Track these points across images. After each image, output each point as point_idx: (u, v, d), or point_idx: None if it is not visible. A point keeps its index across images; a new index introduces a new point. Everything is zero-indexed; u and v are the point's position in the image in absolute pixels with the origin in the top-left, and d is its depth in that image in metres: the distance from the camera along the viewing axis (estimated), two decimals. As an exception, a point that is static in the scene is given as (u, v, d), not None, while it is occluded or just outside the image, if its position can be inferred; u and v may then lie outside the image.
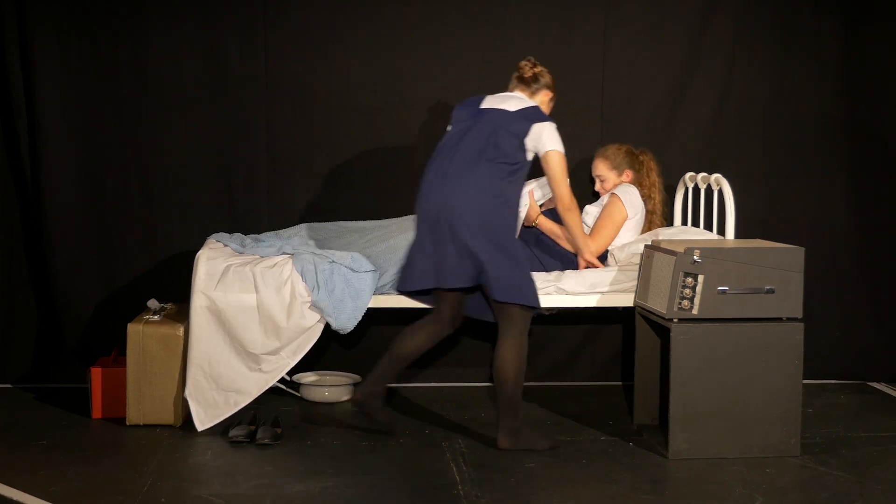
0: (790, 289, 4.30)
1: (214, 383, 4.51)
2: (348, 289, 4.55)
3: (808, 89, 5.48)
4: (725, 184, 4.89)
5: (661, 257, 4.43)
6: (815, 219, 5.52)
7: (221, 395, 4.51)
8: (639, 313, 4.64)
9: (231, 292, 4.50)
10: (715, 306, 4.26)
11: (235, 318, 4.49)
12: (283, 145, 5.29)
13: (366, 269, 4.61)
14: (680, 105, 5.44)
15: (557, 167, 4.40)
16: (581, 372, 5.46)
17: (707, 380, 4.25)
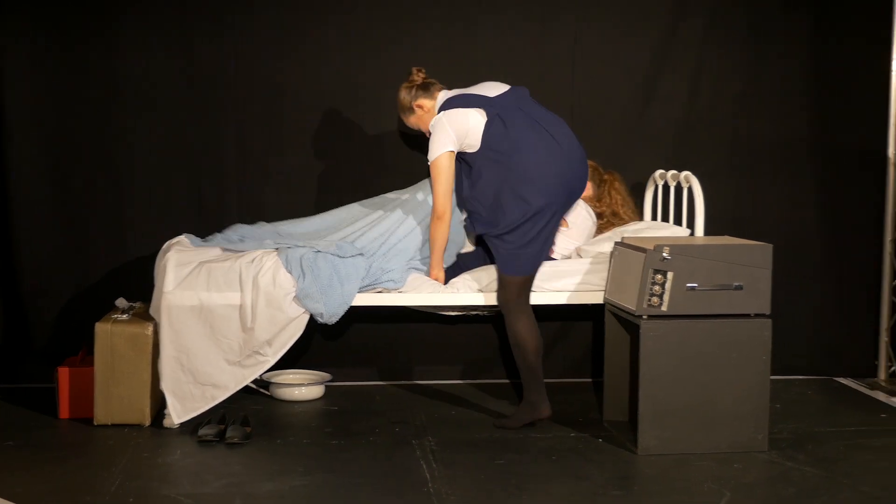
0: (758, 285, 4.31)
1: (192, 377, 4.50)
2: (336, 274, 4.53)
3: (777, 88, 5.50)
4: (695, 181, 4.90)
5: (630, 254, 4.44)
6: (784, 216, 5.54)
7: (199, 388, 4.51)
8: (608, 310, 4.65)
9: (211, 288, 4.50)
10: (684, 303, 4.27)
11: (215, 313, 4.48)
12: (253, 144, 5.27)
13: (352, 253, 4.59)
14: (650, 103, 5.45)
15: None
16: (551, 369, 5.42)
17: (676, 376, 4.26)
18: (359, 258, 4.60)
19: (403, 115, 4.65)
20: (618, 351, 4.67)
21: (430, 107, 4.59)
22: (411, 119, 4.64)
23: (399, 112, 4.68)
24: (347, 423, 4.69)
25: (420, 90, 4.59)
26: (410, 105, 4.60)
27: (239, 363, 4.52)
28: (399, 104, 4.65)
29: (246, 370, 4.54)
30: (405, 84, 4.63)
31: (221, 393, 4.53)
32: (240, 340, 4.50)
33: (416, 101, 4.60)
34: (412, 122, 4.65)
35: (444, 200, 4.52)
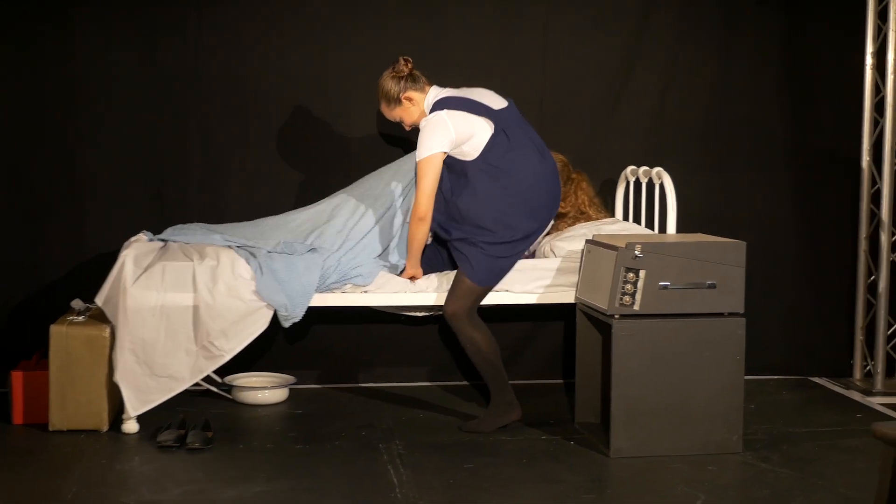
0: (732, 283, 4.32)
1: (148, 368, 4.48)
2: (293, 269, 4.54)
3: (750, 82, 5.52)
4: (667, 177, 4.91)
5: (602, 252, 4.45)
6: (758, 213, 5.56)
7: (155, 380, 4.49)
8: (580, 309, 4.66)
9: (169, 287, 4.49)
10: (656, 302, 4.28)
11: (173, 308, 4.48)
12: (215, 140, 5.25)
13: (303, 251, 4.60)
14: (621, 98, 5.46)
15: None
16: (521, 370, 5.45)
17: (649, 377, 4.27)
18: (313, 253, 4.60)
19: (387, 105, 4.57)
20: (589, 351, 4.67)
21: (419, 100, 4.55)
22: (396, 110, 4.57)
23: (381, 100, 4.59)
24: (312, 428, 4.67)
25: (409, 81, 4.53)
26: (398, 96, 4.53)
27: (196, 354, 4.51)
28: (383, 93, 4.57)
29: (202, 362, 4.52)
30: (391, 73, 4.55)
31: (178, 384, 4.51)
32: (196, 330, 4.49)
33: (405, 93, 4.54)
34: (396, 114, 4.59)
35: (429, 201, 4.47)
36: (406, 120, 4.60)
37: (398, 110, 4.58)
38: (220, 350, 4.52)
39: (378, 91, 4.61)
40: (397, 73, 4.54)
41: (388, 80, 4.56)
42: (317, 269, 4.58)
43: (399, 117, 4.61)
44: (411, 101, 4.55)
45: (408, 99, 4.55)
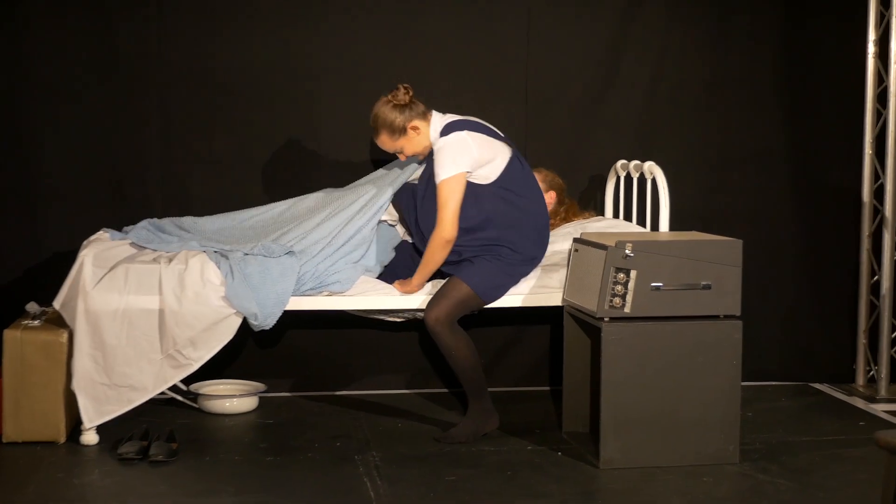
0: (728, 284, 4.33)
1: (107, 376, 4.48)
2: (267, 274, 4.53)
3: (746, 71, 5.53)
4: (659, 172, 4.91)
5: (590, 252, 4.44)
6: (755, 209, 5.57)
7: (114, 390, 4.48)
8: (567, 312, 4.66)
9: (132, 290, 4.48)
10: (648, 304, 4.28)
11: (136, 313, 4.47)
12: (178, 131, 5.23)
13: (281, 253, 4.59)
14: (609, 88, 5.47)
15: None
16: (505, 377, 5.46)
17: (640, 383, 4.27)
18: (290, 257, 4.59)
19: (390, 135, 4.58)
20: (577, 356, 4.68)
21: (424, 129, 4.59)
22: (399, 141, 4.59)
23: (380, 131, 4.59)
24: (283, 438, 4.66)
25: (412, 110, 4.56)
26: (404, 126, 4.56)
27: (160, 363, 4.49)
28: (384, 123, 4.57)
29: (167, 371, 4.50)
30: (392, 102, 4.56)
31: (139, 395, 4.50)
32: (161, 337, 4.48)
33: (411, 123, 4.57)
34: (398, 145, 4.60)
35: (455, 222, 4.52)
36: (408, 150, 4.62)
37: (402, 141, 4.60)
38: (187, 359, 4.51)
39: (375, 121, 4.60)
40: (398, 102, 4.56)
41: (388, 110, 4.57)
42: (293, 274, 4.57)
43: (401, 147, 4.62)
44: (417, 131, 4.58)
45: (413, 129, 4.58)
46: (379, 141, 4.64)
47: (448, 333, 4.54)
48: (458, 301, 4.56)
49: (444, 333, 4.54)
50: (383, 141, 4.62)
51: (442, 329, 4.54)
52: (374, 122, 4.60)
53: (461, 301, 4.57)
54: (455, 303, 4.56)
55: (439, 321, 4.53)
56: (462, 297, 4.56)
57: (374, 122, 4.60)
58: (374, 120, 4.60)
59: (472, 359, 4.57)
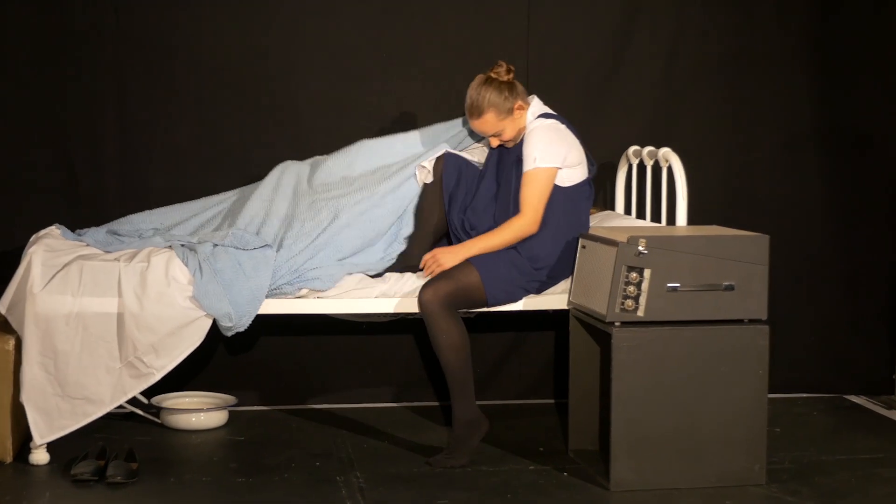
0: (753, 285, 4.33)
1: (59, 387, 4.47)
2: (240, 268, 4.53)
3: (774, 45, 5.54)
4: (675, 160, 4.91)
5: (599, 249, 4.44)
6: (783, 201, 5.58)
7: (68, 402, 4.48)
8: (573, 317, 4.65)
9: (87, 291, 4.47)
10: (664, 307, 4.28)
11: (91, 317, 4.47)
12: (138, 115, 5.24)
13: (257, 244, 4.59)
14: (620, 65, 5.48)
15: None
16: (505, 389, 5.47)
17: (655, 395, 4.27)
18: (266, 250, 4.58)
19: (497, 116, 4.61)
20: (585, 366, 4.67)
21: (525, 111, 4.68)
22: (505, 122, 4.63)
23: (486, 111, 4.59)
24: (257, 457, 4.66)
25: (516, 88, 4.64)
26: (511, 106, 4.61)
27: (119, 372, 4.49)
28: (493, 104, 4.58)
29: (127, 382, 4.50)
30: (496, 81, 4.61)
31: (96, 409, 4.49)
32: (120, 343, 4.48)
33: (517, 102, 4.63)
34: (502, 125, 4.64)
35: (541, 211, 4.61)
36: (508, 133, 4.67)
37: (507, 122, 4.65)
38: (149, 368, 4.50)
39: (478, 102, 4.61)
40: (503, 81, 4.63)
41: (494, 89, 4.61)
42: (267, 269, 4.57)
43: (503, 129, 4.66)
44: (521, 111, 4.66)
45: (520, 109, 4.65)
46: (479, 123, 4.64)
47: (443, 317, 4.49)
48: (462, 287, 4.52)
49: (438, 315, 4.47)
50: (486, 122, 4.63)
51: (437, 310, 4.48)
52: (476, 104, 4.62)
53: (465, 289, 4.53)
54: (459, 287, 4.52)
55: (436, 299, 4.48)
56: (467, 285, 4.53)
57: (478, 103, 4.61)
58: (477, 101, 4.62)
59: (465, 353, 4.52)
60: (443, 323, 4.49)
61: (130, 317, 4.46)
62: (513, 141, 4.70)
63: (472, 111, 4.63)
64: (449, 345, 4.51)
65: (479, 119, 4.63)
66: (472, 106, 4.62)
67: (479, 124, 4.65)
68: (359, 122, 5.30)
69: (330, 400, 5.40)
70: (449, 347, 4.51)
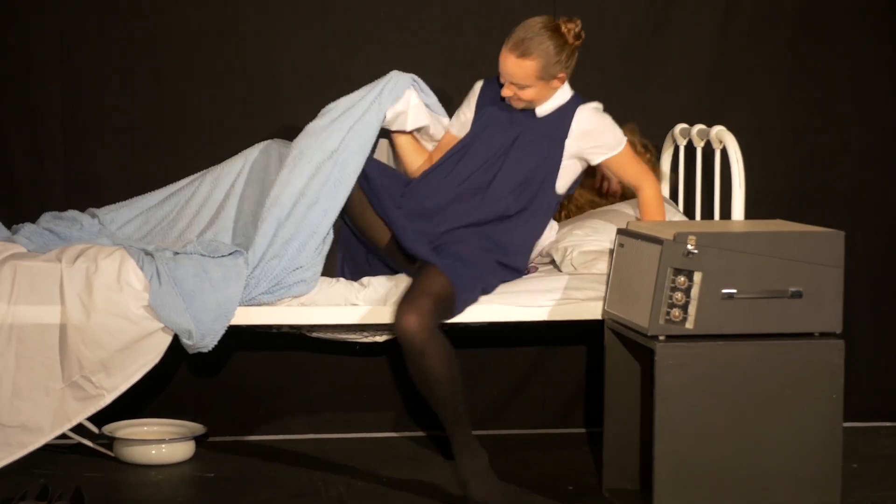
0: (825, 291, 4.33)
1: None
2: (206, 277, 4.55)
3: (851, 5, 5.55)
4: (731, 140, 4.92)
5: (640, 248, 4.43)
6: (862, 192, 5.60)
7: (2, 431, 4.49)
8: (609, 329, 4.65)
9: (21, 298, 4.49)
10: (718, 317, 4.28)
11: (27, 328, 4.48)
12: (86, 93, 5.27)
13: (224, 252, 4.60)
14: (665, 29, 5.51)
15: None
16: (526, 416, 5.49)
17: (707, 423, 4.27)
18: (237, 257, 4.60)
19: (537, 71, 4.67)
20: (623, 388, 4.68)
21: (564, 86, 4.80)
22: (538, 81, 4.70)
23: (530, 57, 4.62)
24: (229, 497, 4.67)
25: (572, 59, 4.74)
26: (556, 73, 4.70)
27: (61, 394, 4.48)
28: (544, 54, 4.63)
29: (71, 405, 4.50)
30: (562, 35, 4.67)
31: (33, 438, 4.49)
32: (63, 359, 4.48)
33: (563, 73, 4.73)
34: (531, 81, 4.69)
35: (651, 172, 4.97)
36: (530, 94, 4.73)
37: (541, 83, 4.71)
38: (98, 388, 4.51)
39: (527, 43, 4.64)
40: (568, 42, 4.69)
41: (553, 41, 4.67)
42: (239, 280, 4.58)
43: (530, 86, 4.70)
44: (560, 82, 4.76)
45: (560, 79, 4.74)
46: (513, 64, 4.67)
47: (433, 342, 4.46)
48: (439, 300, 4.52)
49: (428, 342, 4.44)
50: (523, 68, 4.66)
51: (427, 337, 4.45)
52: (526, 43, 4.65)
53: (442, 300, 4.53)
54: (436, 301, 4.51)
55: (423, 325, 4.43)
56: (443, 295, 4.54)
57: (529, 44, 4.65)
58: (528, 40, 4.65)
59: (456, 372, 4.53)
60: (433, 349, 4.47)
61: (75, 328, 4.47)
62: (523, 104, 4.75)
63: (515, 46, 4.65)
64: (448, 378, 4.48)
65: (517, 59, 4.65)
66: (519, 42, 4.65)
67: (512, 65, 4.66)
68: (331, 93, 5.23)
69: (316, 429, 5.42)
70: (448, 380, 4.49)
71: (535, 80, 4.67)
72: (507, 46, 4.66)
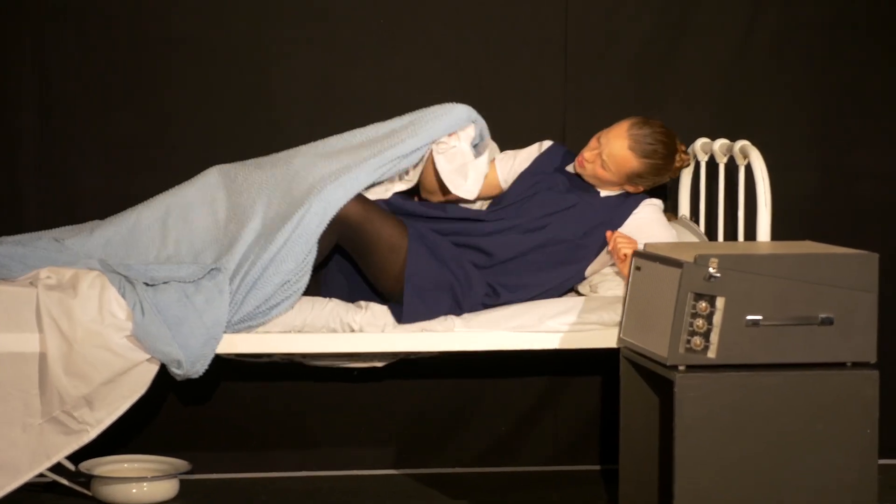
0: (858, 318, 4.31)
1: None
2: (189, 302, 4.56)
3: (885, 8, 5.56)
4: (757, 156, 4.91)
5: (658, 271, 4.43)
6: (893, 210, 5.61)
7: None
8: (625, 358, 4.64)
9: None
10: (742, 346, 4.28)
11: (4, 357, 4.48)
12: (62, 98, 5.28)
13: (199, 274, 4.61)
14: (684, 37, 5.53)
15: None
16: (537, 451, 5.49)
17: (730, 460, 4.25)
18: (215, 276, 4.62)
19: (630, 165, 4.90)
20: (640, 421, 4.68)
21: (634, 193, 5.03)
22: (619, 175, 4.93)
23: (634, 149, 4.87)
24: (216, 540, 4.66)
25: (661, 180, 5.04)
26: (639, 182, 4.97)
27: (40, 431, 4.48)
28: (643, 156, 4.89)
29: (52, 441, 4.50)
30: (671, 159, 4.95)
31: (10, 479, 4.49)
32: (43, 392, 4.49)
33: (643, 187, 4.99)
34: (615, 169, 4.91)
35: None
36: (605, 175, 4.94)
37: (621, 177, 4.94)
38: (81, 424, 4.52)
39: (641, 135, 4.89)
40: (674, 168, 5.01)
41: (660, 157, 4.93)
42: (222, 298, 4.59)
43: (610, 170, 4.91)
44: (635, 190, 5.02)
45: (635, 190, 5.02)
46: (618, 146, 4.89)
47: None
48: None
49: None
50: (620, 155, 4.88)
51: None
52: (643, 141, 4.90)
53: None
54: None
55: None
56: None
57: (645, 144, 4.90)
58: (647, 141, 4.90)
59: None
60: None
61: (55, 361, 4.47)
62: (587, 174, 4.96)
63: (633, 137, 4.89)
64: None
65: (626, 146, 4.88)
66: (640, 136, 4.89)
67: (618, 146, 4.88)
68: (348, 110, 5.30)
69: (311, 465, 5.41)
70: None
71: (623, 175, 4.92)
72: (629, 128, 4.91)
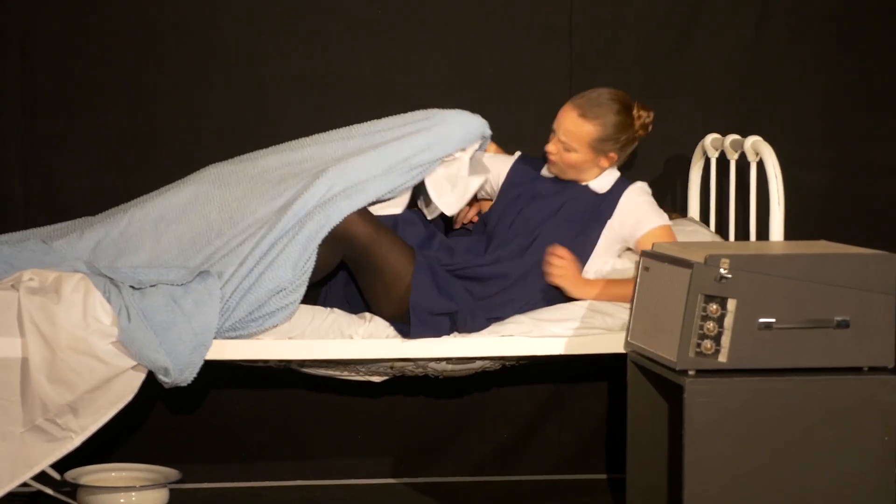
0: (875, 321, 4.27)
1: None
2: (177, 306, 4.55)
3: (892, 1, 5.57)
4: (769, 152, 4.91)
5: (667, 272, 4.40)
6: None
7: None
8: (633, 363, 4.61)
9: None
10: (754, 349, 4.23)
11: None
12: (48, 98, 5.30)
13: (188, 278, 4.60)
14: (695, 29, 5.54)
15: None
16: (542, 459, 5.48)
17: (741, 467, 4.21)
18: (205, 278, 4.60)
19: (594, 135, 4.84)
20: (648, 428, 4.65)
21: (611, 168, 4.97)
22: (586, 148, 4.86)
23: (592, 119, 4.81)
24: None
25: (630, 146, 4.93)
26: (608, 149, 4.87)
27: (21, 440, 4.47)
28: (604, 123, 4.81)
29: (35, 450, 4.50)
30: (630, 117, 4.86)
31: None
32: (24, 400, 4.48)
33: (614, 154, 4.90)
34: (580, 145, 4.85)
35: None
36: (574, 158, 4.88)
37: (589, 152, 4.87)
38: (66, 431, 4.51)
39: (595, 103, 4.83)
40: (636, 128, 4.91)
41: (620, 117, 4.86)
42: (213, 302, 4.58)
43: (577, 149, 4.86)
44: (608, 162, 4.92)
45: (608, 161, 4.92)
46: (571, 120, 4.83)
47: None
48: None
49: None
50: (578, 126, 4.82)
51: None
52: (594, 106, 4.85)
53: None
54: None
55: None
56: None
57: (597, 108, 4.84)
58: (597, 104, 4.84)
59: None
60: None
61: (37, 368, 4.45)
62: (559, 170, 4.92)
63: (580, 105, 4.84)
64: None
65: (577, 118, 4.82)
66: (586, 102, 4.84)
67: (570, 121, 4.82)
68: (343, 104, 5.30)
69: (306, 475, 5.40)
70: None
71: (586, 147, 4.84)
72: (573, 102, 4.85)
